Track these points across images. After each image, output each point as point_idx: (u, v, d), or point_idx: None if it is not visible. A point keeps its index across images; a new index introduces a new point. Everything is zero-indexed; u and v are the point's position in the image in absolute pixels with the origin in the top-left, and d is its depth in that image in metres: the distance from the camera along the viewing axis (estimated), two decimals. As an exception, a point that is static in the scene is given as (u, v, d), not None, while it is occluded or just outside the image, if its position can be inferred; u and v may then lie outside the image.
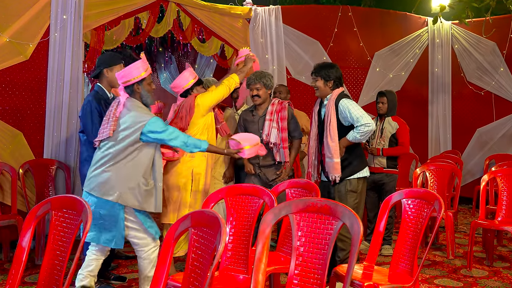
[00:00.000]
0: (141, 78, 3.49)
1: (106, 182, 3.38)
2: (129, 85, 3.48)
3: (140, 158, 3.43)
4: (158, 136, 3.40)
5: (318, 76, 4.08)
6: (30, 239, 2.42)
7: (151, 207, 3.46)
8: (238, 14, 6.89)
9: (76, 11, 5.32)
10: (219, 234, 1.73)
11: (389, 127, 5.29)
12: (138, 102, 3.52)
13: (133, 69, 3.46)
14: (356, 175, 4.10)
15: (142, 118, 3.39)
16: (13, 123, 5.07)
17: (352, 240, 2.02)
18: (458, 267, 4.77)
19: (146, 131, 3.37)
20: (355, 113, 3.93)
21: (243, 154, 3.77)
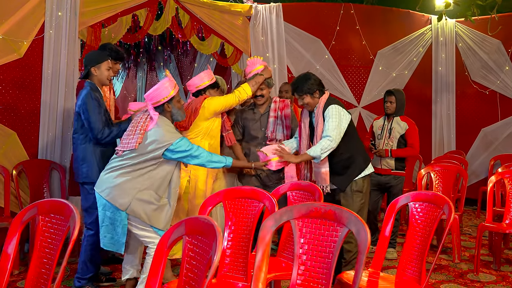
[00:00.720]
0: (171, 97, 3.48)
1: (118, 188, 3.36)
2: (159, 105, 3.47)
3: (157, 173, 3.41)
4: (182, 155, 3.40)
5: (303, 94, 3.90)
6: (16, 246, 2.28)
7: (159, 224, 3.41)
8: (238, 12, 6.75)
9: (72, 8, 5.19)
10: (215, 243, 1.59)
11: (398, 127, 5.12)
12: (168, 121, 3.52)
13: (162, 89, 3.45)
14: (361, 174, 3.96)
15: (169, 137, 3.38)
16: (6, 122, 4.93)
17: (359, 248, 1.88)
18: (464, 271, 4.62)
19: (171, 149, 3.36)
20: (330, 123, 3.76)
21: (271, 166, 3.85)
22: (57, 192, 5.11)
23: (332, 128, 3.74)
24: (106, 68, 3.94)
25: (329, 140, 3.71)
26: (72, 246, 2.07)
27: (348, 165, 3.92)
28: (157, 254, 1.92)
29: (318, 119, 3.88)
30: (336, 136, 3.73)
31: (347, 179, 3.93)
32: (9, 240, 2.27)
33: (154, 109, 3.49)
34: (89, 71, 3.89)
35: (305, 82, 3.89)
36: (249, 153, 4.52)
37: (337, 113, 3.80)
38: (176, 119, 3.59)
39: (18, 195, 4.79)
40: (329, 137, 3.71)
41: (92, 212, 3.87)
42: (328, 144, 3.71)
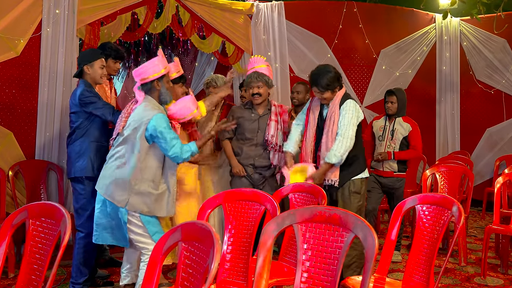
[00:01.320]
0: (161, 75, 3.36)
1: (114, 184, 3.26)
2: (147, 82, 3.33)
3: (149, 162, 3.29)
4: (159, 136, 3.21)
5: (325, 90, 3.79)
6: (5, 250, 2.18)
7: (162, 212, 3.32)
8: (239, 10, 6.64)
9: (70, 6, 5.09)
10: (213, 250, 1.48)
11: (400, 129, 4.97)
12: (153, 100, 3.38)
13: (152, 65, 3.33)
14: (360, 175, 3.89)
15: (148, 113, 3.24)
16: (3, 122, 4.84)
17: (366, 256, 1.77)
18: (471, 274, 4.51)
19: (151, 126, 3.20)
20: (347, 118, 3.69)
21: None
22: (54, 193, 5.02)
23: (347, 124, 3.68)
24: (100, 66, 3.83)
25: (345, 140, 3.64)
26: (62, 252, 1.97)
27: (351, 162, 3.84)
28: (151, 261, 1.81)
29: (334, 113, 3.78)
30: (352, 134, 3.67)
31: (347, 176, 3.85)
32: (-1, 245, 2.16)
33: (142, 86, 3.36)
34: (82, 69, 3.80)
35: (326, 76, 3.77)
36: (241, 153, 4.41)
37: (355, 109, 3.74)
38: (165, 99, 3.44)
39: (14, 196, 4.69)
40: (342, 136, 3.64)
41: (82, 214, 3.76)
42: (345, 145, 3.64)
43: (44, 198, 4.91)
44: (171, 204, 3.36)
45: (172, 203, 3.38)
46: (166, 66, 3.42)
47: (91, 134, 3.77)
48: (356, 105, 3.79)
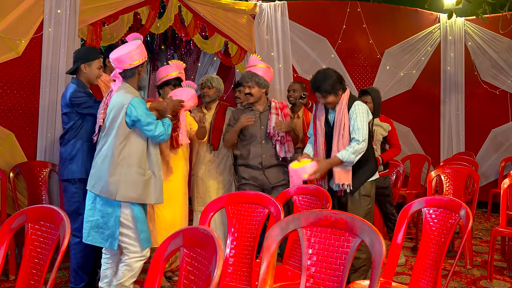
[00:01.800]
0: (143, 61, 3.36)
1: (101, 178, 3.22)
2: (133, 67, 3.30)
3: (131, 148, 3.25)
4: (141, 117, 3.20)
5: (327, 94, 3.68)
6: (3, 255, 2.13)
7: (151, 199, 3.30)
8: (242, 10, 6.60)
9: (72, 5, 5.04)
10: (215, 257, 1.43)
11: (380, 129, 4.89)
12: (131, 87, 3.34)
13: (137, 50, 3.30)
14: (372, 177, 3.82)
15: (126, 97, 3.21)
16: (4, 123, 4.79)
17: (373, 262, 1.71)
18: (477, 277, 4.45)
19: (130, 111, 3.19)
20: (359, 122, 3.59)
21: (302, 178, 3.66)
22: (55, 195, 4.97)
23: (361, 127, 3.58)
24: (97, 66, 3.79)
25: (361, 143, 3.56)
26: (62, 256, 1.92)
27: (362, 166, 3.73)
28: (152, 267, 1.76)
29: (342, 117, 3.67)
30: (365, 136, 3.58)
31: (359, 180, 3.74)
32: (-3, 249, 2.12)
33: (124, 72, 3.30)
34: (79, 67, 3.73)
35: (327, 81, 3.65)
36: (248, 154, 4.35)
37: (364, 111, 3.66)
38: (143, 85, 3.53)
39: (15, 198, 4.65)
40: (359, 140, 3.55)
41: (76, 218, 3.67)
42: (360, 148, 3.56)
43: (45, 200, 4.87)
44: (159, 191, 3.34)
45: (160, 189, 3.36)
46: (145, 55, 3.41)
47: (84, 135, 3.71)
48: (364, 106, 3.71)
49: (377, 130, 4.88)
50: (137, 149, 3.26)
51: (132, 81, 3.36)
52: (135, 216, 3.27)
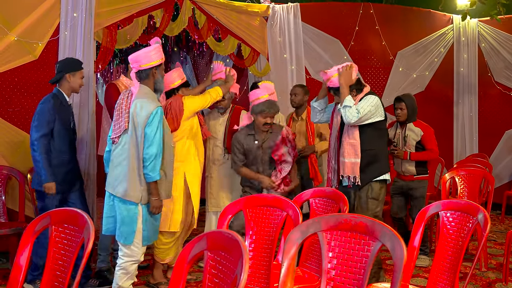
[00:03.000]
0: (159, 63, 3.44)
1: (125, 182, 3.34)
2: (147, 68, 3.38)
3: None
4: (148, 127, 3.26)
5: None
6: (28, 257, 2.17)
7: (161, 196, 3.44)
8: (255, 12, 6.62)
9: (87, 9, 5.08)
10: (241, 261, 1.45)
11: (412, 134, 4.94)
12: (149, 89, 3.42)
13: (155, 52, 3.40)
14: (380, 177, 3.82)
15: (150, 106, 3.28)
16: (21, 125, 4.85)
17: (394, 266, 1.73)
18: (492, 280, 4.44)
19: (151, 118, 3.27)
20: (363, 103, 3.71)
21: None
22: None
23: (363, 106, 3.66)
24: (80, 77, 4.03)
25: (356, 111, 3.63)
26: (86, 259, 1.96)
27: (372, 162, 3.79)
28: (176, 269, 1.79)
29: None
30: (362, 113, 3.64)
31: (367, 176, 3.80)
32: (21, 251, 2.16)
33: (139, 73, 3.39)
34: (63, 77, 3.94)
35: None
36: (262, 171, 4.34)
37: (369, 102, 3.71)
38: (159, 88, 3.52)
39: (32, 199, 4.70)
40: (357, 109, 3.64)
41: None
42: (354, 111, 3.63)
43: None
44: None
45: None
46: (163, 57, 3.50)
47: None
48: (374, 99, 3.74)
49: (409, 135, 4.95)
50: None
51: (148, 83, 3.43)
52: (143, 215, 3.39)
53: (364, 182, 3.81)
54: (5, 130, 4.73)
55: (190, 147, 4.14)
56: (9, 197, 4.76)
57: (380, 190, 3.82)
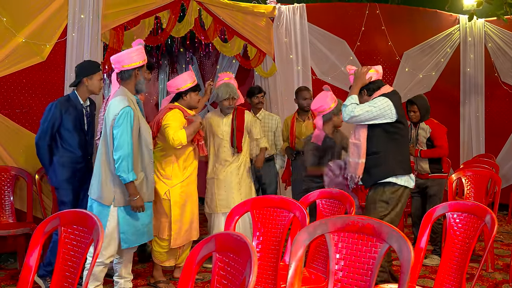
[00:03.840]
0: (141, 64, 3.47)
1: (97, 184, 3.40)
2: (130, 69, 3.41)
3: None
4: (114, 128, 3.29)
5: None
6: (37, 257, 2.20)
7: (144, 198, 3.47)
8: (261, 13, 6.64)
9: (94, 11, 5.12)
10: (249, 263, 1.47)
11: (422, 132, 5.03)
12: (125, 90, 3.43)
13: (136, 53, 3.43)
14: (389, 179, 3.69)
15: (117, 107, 3.31)
16: (29, 126, 4.89)
17: (401, 268, 1.74)
18: (499, 281, 4.43)
19: (116, 122, 3.30)
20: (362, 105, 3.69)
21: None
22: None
23: (363, 107, 3.65)
24: (98, 79, 4.05)
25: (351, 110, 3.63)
26: (95, 260, 1.98)
27: (376, 165, 3.72)
28: (185, 270, 1.80)
29: None
30: (356, 113, 3.63)
31: (371, 178, 3.76)
32: (31, 252, 2.18)
33: (121, 74, 3.42)
34: (81, 81, 3.99)
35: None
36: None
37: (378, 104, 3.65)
38: (141, 89, 3.56)
39: (40, 200, 4.74)
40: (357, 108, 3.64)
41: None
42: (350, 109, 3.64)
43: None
44: (150, 190, 3.53)
45: (151, 189, 3.53)
46: (145, 59, 3.52)
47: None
48: (382, 101, 3.67)
49: (420, 133, 5.06)
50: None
51: (129, 84, 3.46)
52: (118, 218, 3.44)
53: (368, 183, 3.78)
54: (13, 131, 4.76)
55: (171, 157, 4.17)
56: (17, 197, 4.80)
57: (392, 194, 3.69)
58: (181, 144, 3.90)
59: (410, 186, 3.75)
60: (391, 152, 3.72)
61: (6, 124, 4.73)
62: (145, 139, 3.47)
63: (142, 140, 3.45)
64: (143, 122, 3.52)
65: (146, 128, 3.53)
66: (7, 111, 4.77)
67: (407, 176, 3.74)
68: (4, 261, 4.87)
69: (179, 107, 4.10)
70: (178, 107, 4.09)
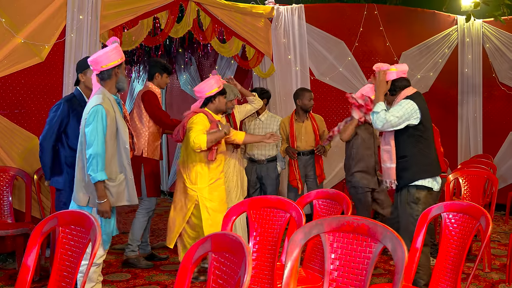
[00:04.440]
0: (121, 61, 3.43)
1: (76, 185, 3.35)
2: (109, 69, 3.37)
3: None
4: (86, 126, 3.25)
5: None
6: (36, 257, 2.21)
7: (123, 201, 3.41)
8: (260, 14, 6.65)
9: (93, 11, 5.14)
10: (244, 263, 1.49)
11: None
12: (105, 91, 3.39)
13: (113, 52, 3.38)
14: (416, 183, 3.73)
15: (89, 107, 3.29)
16: (28, 127, 4.90)
17: (396, 267, 1.76)
18: (496, 281, 4.45)
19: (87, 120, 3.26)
20: (395, 108, 3.70)
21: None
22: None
23: (395, 111, 3.65)
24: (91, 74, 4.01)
25: (386, 115, 3.63)
26: (92, 260, 1.99)
27: (403, 168, 3.78)
28: (181, 270, 1.82)
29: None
30: (392, 118, 3.63)
31: (401, 181, 3.80)
32: (29, 252, 2.20)
33: (101, 74, 3.38)
34: (77, 77, 3.98)
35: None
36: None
37: (405, 108, 3.68)
38: (122, 87, 3.50)
39: (39, 200, 4.76)
40: (388, 114, 3.64)
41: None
42: (383, 116, 3.64)
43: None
44: (131, 192, 3.44)
45: (132, 191, 3.44)
46: (123, 56, 3.47)
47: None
48: (408, 104, 3.70)
49: None
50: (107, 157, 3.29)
51: (109, 84, 3.41)
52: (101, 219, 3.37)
53: (399, 186, 3.82)
54: (12, 132, 4.77)
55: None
56: (15, 198, 4.81)
57: (418, 194, 3.74)
58: (200, 148, 3.96)
59: (434, 188, 3.79)
60: (417, 156, 3.77)
61: (5, 124, 4.74)
62: (122, 139, 3.42)
63: (120, 140, 3.40)
64: (121, 122, 3.46)
65: (123, 127, 3.47)
66: (6, 112, 4.78)
67: (432, 178, 3.79)
68: (2, 261, 4.88)
69: (203, 111, 4.20)
70: (202, 111, 4.19)
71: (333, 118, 6.96)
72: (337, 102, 7.13)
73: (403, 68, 3.94)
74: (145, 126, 4.86)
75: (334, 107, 7.14)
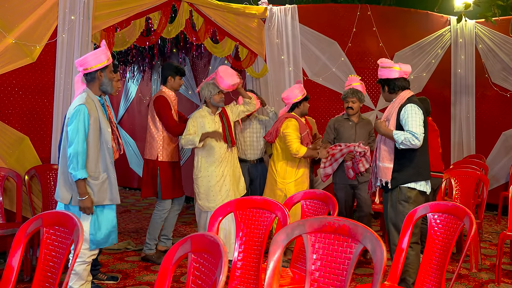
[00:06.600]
0: (104, 65, 3.47)
1: (59, 184, 3.41)
2: (93, 71, 3.43)
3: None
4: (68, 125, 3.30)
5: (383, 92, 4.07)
6: (20, 258, 2.22)
7: (106, 200, 3.45)
8: (253, 14, 6.66)
9: (85, 12, 5.13)
10: (221, 263, 1.50)
11: None
12: (89, 92, 3.45)
13: (94, 56, 3.44)
14: (408, 184, 3.79)
15: (71, 107, 3.35)
16: (19, 127, 4.90)
17: (374, 269, 1.77)
18: (485, 281, 4.48)
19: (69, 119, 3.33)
20: (412, 120, 3.70)
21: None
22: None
23: (415, 125, 3.67)
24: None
25: (415, 136, 3.63)
26: (75, 260, 2.00)
27: (398, 170, 3.81)
28: (162, 271, 1.83)
29: (392, 110, 3.87)
30: (420, 134, 3.66)
31: (393, 182, 3.82)
32: (13, 253, 2.21)
33: (85, 76, 3.45)
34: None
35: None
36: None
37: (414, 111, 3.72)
38: (106, 90, 3.55)
39: (30, 201, 4.76)
40: (415, 134, 3.64)
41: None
42: (412, 140, 3.64)
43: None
44: (114, 191, 3.48)
45: (115, 189, 3.49)
46: (109, 58, 3.51)
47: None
48: (419, 111, 3.75)
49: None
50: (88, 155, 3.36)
51: (93, 86, 3.48)
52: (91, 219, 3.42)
53: (391, 187, 3.84)
54: (3, 132, 4.77)
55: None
56: (6, 198, 4.81)
57: (409, 193, 3.79)
58: (298, 156, 4.80)
59: (426, 191, 3.86)
60: (413, 158, 3.81)
61: (-4, 125, 4.75)
62: (105, 139, 3.47)
63: (102, 140, 3.45)
64: (104, 122, 3.49)
65: (106, 127, 3.50)
66: (-3, 112, 4.78)
67: (425, 182, 3.86)
68: (-6, 261, 4.89)
69: (293, 116, 4.93)
70: (292, 116, 4.92)
71: (326, 119, 6.97)
72: (330, 102, 7.15)
73: (406, 69, 3.99)
74: (159, 131, 5.00)
75: (327, 108, 7.16)
